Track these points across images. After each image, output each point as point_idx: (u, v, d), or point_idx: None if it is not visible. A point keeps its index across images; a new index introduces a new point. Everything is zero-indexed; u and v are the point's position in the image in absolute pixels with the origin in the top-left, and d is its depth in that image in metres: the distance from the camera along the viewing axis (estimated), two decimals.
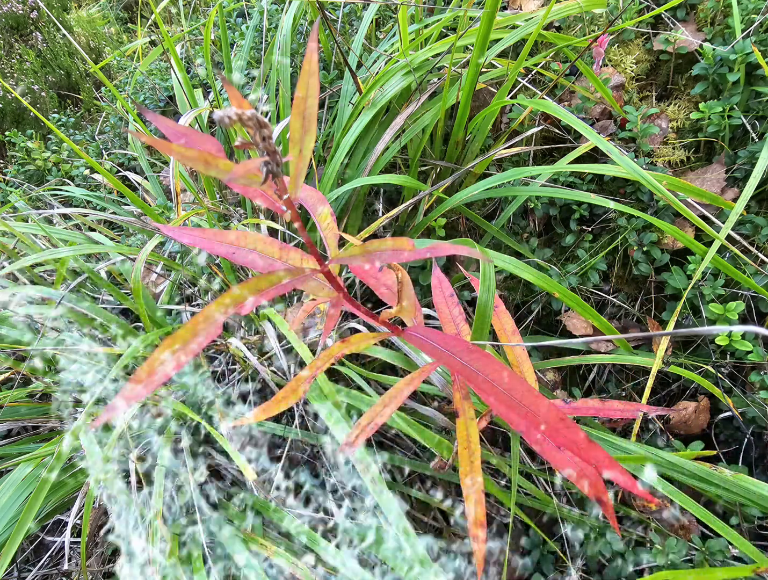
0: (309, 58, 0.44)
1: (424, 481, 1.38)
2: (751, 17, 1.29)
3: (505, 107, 1.51)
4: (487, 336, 0.93)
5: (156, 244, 1.20)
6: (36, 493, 0.94)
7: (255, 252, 0.65)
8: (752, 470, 1.20)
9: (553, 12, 1.29)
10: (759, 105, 1.26)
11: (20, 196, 1.83)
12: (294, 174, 0.48)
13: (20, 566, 1.45)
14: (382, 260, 0.49)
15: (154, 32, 2.69)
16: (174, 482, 1.25)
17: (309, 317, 1.31)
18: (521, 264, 1.11)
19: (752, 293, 1.20)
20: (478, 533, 0.71)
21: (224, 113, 0.39)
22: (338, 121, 1.47)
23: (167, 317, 1.40)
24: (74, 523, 1.09)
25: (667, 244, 1.28)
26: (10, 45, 3.13)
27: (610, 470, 0.60)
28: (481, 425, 0.89)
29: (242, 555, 1.05)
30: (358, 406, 1.07)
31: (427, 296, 1.43)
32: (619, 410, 0.91)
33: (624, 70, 1.44)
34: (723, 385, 1.17)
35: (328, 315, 0.64)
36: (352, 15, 1.78)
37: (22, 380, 1.40)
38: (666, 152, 1.36)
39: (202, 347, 0.48)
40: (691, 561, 1.04)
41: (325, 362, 0.71)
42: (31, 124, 2.78)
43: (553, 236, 1.46)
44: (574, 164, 1.26)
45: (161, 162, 2.08)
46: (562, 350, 1.40)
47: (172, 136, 0.45)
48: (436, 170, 1.48)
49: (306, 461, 1.35)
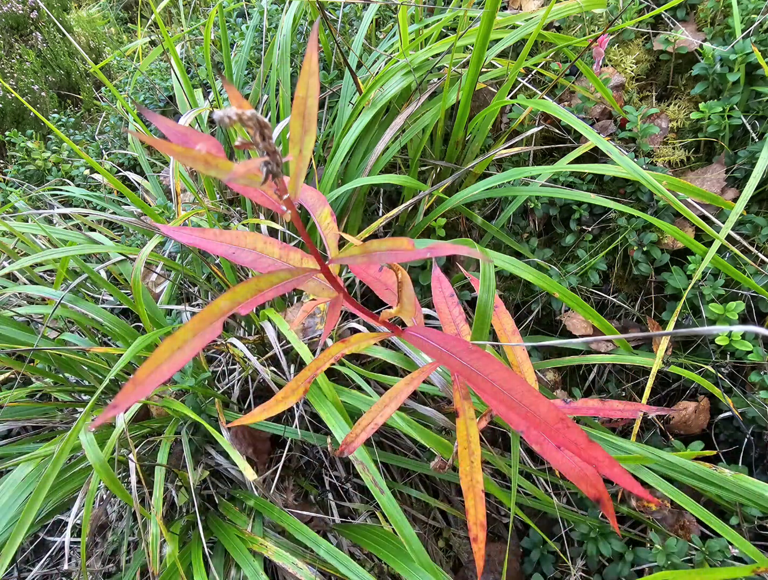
0: (309, 58, 0.44)
1: (425, 481, 1.38)
2: (751, 17, 1.29)
3: (505, 107, 1.51)
4: (487, 336, 0.93)
5: (156, 244, 1.19)
6: (36, 493, 0.93)
7: (255, 252, 0.65)
8: (752, 470, 1.20)
9: (553, 12, 1.29)
10: (759, 105, 1.26)
11: (20, 196, 1.83)
12: (294, 174, 0.48)
13: (20, 566, 1.45)
14: (381, 260, 0.49)
15: (154, 32, 2.69)
16: (174, 482, 1.25)
17: (309, 317, 1.31)
18: (521, 264, 1.10)
19: (752, 293, 1.20)
20: (478, 533, 0.71)
21: (224, 113, 0.39)
22: (338, 121, 1.47)
23: (167, 317, 1.40)
24: (74, 523, 1.09)
25: (667, 244, 1.28)
26: (10, 45, 3.13)
27: (610, 470, 0.60)
28: (481, 425, 0.89)
29: (242, 555, 1.05)
30: (358, 406, 1.07)
31: (427, 296, 1.43)
32: (619, 410, 0.91)
33: (624, 70, 1.44)
34: (723, 385, 1.17)
35: (328, 315, 0.64)
36: (352, 15, 1.78)
37: (22, 380, 1.40)
38: (666, 152, 1.36)
39: (202, 347, 0.48)
40: (691, 561, 1.04)
41: (324, 362, 0.71)
42: (31, 124, 2.78)
43: (553, 236, 1.46)
44: (574, 164, 1.26)
45: (161, 162, 2.08)
46: (562, 350, 1.40)
47: (172, 136, 0.45)
48: (436, 170, 1.48)
49: (306, 461, 1.35)
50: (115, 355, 1.31)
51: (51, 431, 1.44)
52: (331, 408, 1.03)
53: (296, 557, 1.04)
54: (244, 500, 1.20)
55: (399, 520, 0.93)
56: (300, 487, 1.33)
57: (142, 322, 1.19)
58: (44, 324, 1.23)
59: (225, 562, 1.15)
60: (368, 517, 1.27)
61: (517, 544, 1.29)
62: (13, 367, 1.23)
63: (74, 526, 1.22)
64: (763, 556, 0.83)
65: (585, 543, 1.13)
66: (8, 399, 1.23)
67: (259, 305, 0.57)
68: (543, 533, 1.14)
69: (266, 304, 1.30)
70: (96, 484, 1.02)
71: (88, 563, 1.33)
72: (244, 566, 1.03)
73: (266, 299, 0.49)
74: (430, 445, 0.99)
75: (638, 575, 1.12)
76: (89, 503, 1.01)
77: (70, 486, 1.12)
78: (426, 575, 0.92)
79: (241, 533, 1.11)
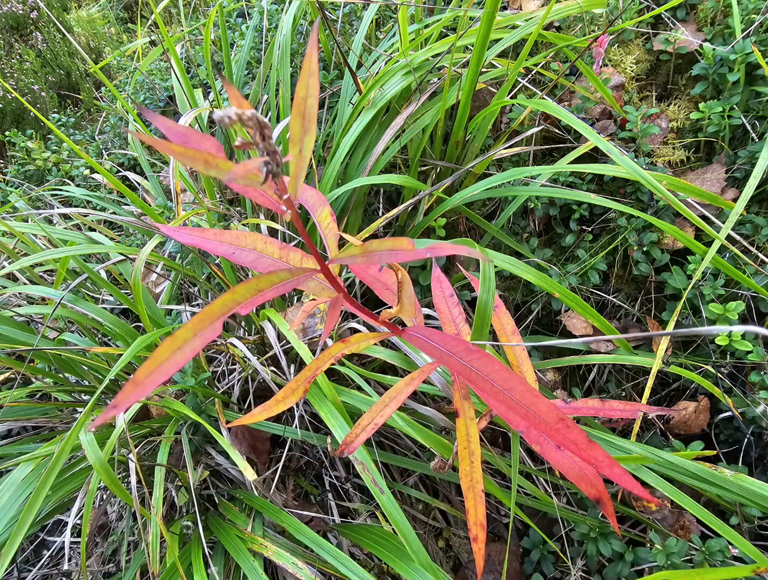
0: (309, 58, 0.44)
1: (425, 481, 1.38)
2: (751, 17, 1.29)
3: (505, 107, 1.51)
4: (487, 336, 0.93)
5: (156, 244, 1.19)
6: (36, 493, 0.93)
7: (255, 252, 0.65)
8: (752, 470, 1.20)
9: (553, 12, 1.29)
10: (759, 105, 1.26)
11: (20, 196, 1.83)
12: (294, 174, 0.48)
13: (20, 566, 1.45)
14: (381, 260, 0.49)
15: (154, 32, 2.69)
16: (174, 482, 1.25)
17: (309, 317, 1.31)
18: (521, 264, 1.10)
19: (752, 293, 1.20)
20: (478, 533, 0.71)
21: (224, 113, 0.39)
22: (338, 121, 1.47)
23: (167, 317, 1.40)
24: (74, 523, 1.09)
25: (667, 244, 1.28)
26: (10, 45, 3.13)
27: (610, 469, 0.60)
28: (481, 425, 0.89)
29: (242, 555, 1.05)
30: (358, 406, 1.07)
31: (427, 296, 1.43)
32: (619, 410, 0.91)
33: (624, 70, 1.44)
34: (723, 385, 1.17)
35: (328, 315, 0.64)
36: (352, 15, 1.78)
37: (22, 380, 1.40)
38: (666, 152, 1.36)
39: (202, 347, 0.48)
40: (691, 561, 1.04)
41: (324, 362, 0.71)
42: (31, 124, 2.78)
43: (553, 236, 1.46)
44: (574, 164, 1.26)
45: (161, 162, 2.08)
46: (562, 350, 1.40)
47: (172, 136, 0.45)
48: (436, 170, 1.48)
49: (306, 461, 1.35)
50: (115, 355, 1.31)
51: (51, 431, 1.44)
52: (331, 408, 1.03)
53: (296, 557, 1.04)
54: (244, 500, 1.20)
55: (399, 520, 0.93)
56: (300, 487, 1.33)
57: (142, 322, 1.19)
58: (44, 324, 1.23)
59: (225, 562, 1.14)
60: (368, 517, 1.27)
61: (517, 544, 1.29)
62: (13, 367, 1.23)
63: (74, 526, 1.22)
64: (763, 556, 0.83)
65: (585, 543, 1.13)
66: (8, 399, 1.23)
67: (259, 305, 0.57)
68: (543, 533, 1.14)
69: (266, 304, 1.30)
70: (96, 484, 1.02)
71: (88, 563, 1.33)
72: (244, 566, 1.03)
73: (266, 299, 0.49)
74: (430, 445, 0.99)
75: (638, 575, 1.12)
76: (89, 503, 1.01)
77: (70, 486, 1.12)
78: (426, 575, 0.92)
79: (241, 533, 1.10)
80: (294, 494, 1.30)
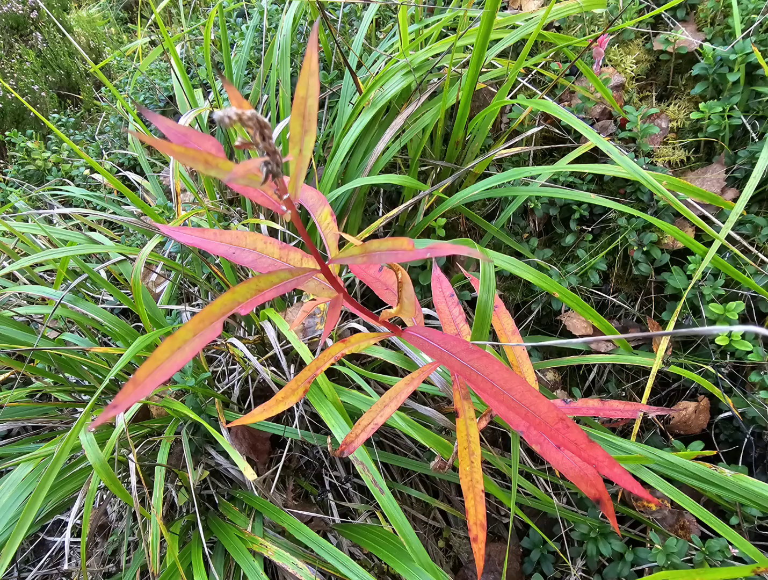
0: (309, 58, 0.44)
1: (425, 481, 1.38)
2: (751, 17, 1.29)
3: (505, 107, 1.51)
4: (487, 336, 0.93)
5: (156, 244, 1.19)
6: (36, 493, 0.93)
7: (255, 252, 0.65)
8: (752, 470, 1.20)
9: (553, 12, 1.29)
10: (759, 105, 1.26)
11: (20, 196, 1.83)
12: (294, 174, 0.48)
13: (20, 566, 1.45)
14: (381, 260, 0.49)
15: (154, 32, 2.69)
16: (174, 482, 1.25)
17: (309, 317, 1.31)
18: (521, 264, 1.10)
19: (752, 293, 1.20)
20: (478, 533, 0.71)
21: (224, 113, 0.39)
22: (338, 121, 1.47)
23: (167, 317, 1.40)
24: (74, 523, 1.09)
25: (667, 244, 1.28)
26: (10, 45, 3.13)
27: (610, 470, 0.60)
28: (481, 425, 0.89)
29: (242, 555, 1.05)
30: (358, 406, 1.07)
31: (427, 296, 1.43)
32: (619, 410, 0.91)
33: (624, 70, 1.44)
34: (723, 385, 1.17)
35: (328, 315, 0.64)
36: (352, 15, 1.78)
37: (22, 380, 1.40)
38: (666, 152, 1.36)
39: (202, 347, 0.48)
40: (691, 561, 1.04)
41: (324, 362, 0.71)
42: (31, 124, 2.78)
43: (553, 236, 1.46)
44: (574, 164, 1.26)
45: (161, 162, 2.08)
46: (562, 350, 1.40)
47: (172, 136, 0.45)
48: (436, 170, 1.48)
49: (306, 461, 1.35)
50: (115, 355, 1.31)
51: (51, 431, 1.44)
52: (331, 408, 1.03)
53: (296, 557, 1.04)
54: (244, 500, 1.20)
55: (399, 520, 0.93)
56: (300, 487, 1.33)
57: (142, 322, 1.19)
58: (44, 324, 1.23)
59: (225, 562, 1.14)
60: (368, 517, 1.27)
61: (517, 544, 1.29)
62: (13, 367, 1.23)
63: (74, 526, 1.22)
64: (763, 556, 0.83)
65: (585, 543, 1.13)
66: (8, 399, 1.23)
67: (259, 305, 0.57)
68: (543, 533, 1.14)
69: (266, 304, 1.30)
70: (96, 484, 1.02)
71: (88, 563, 1.33)
72: (244, 566, 1.03)
73: (266, 299, 0.49)
74: (430, 445, 0.99)
75: (638, 575, 1.12)
76: (89, 503, 1.00)
77: (70, 486, 1.12)
78: (426, 575, 0.92)
79: (241, 533, 1.10)
80: (294, 494, 1.30)
